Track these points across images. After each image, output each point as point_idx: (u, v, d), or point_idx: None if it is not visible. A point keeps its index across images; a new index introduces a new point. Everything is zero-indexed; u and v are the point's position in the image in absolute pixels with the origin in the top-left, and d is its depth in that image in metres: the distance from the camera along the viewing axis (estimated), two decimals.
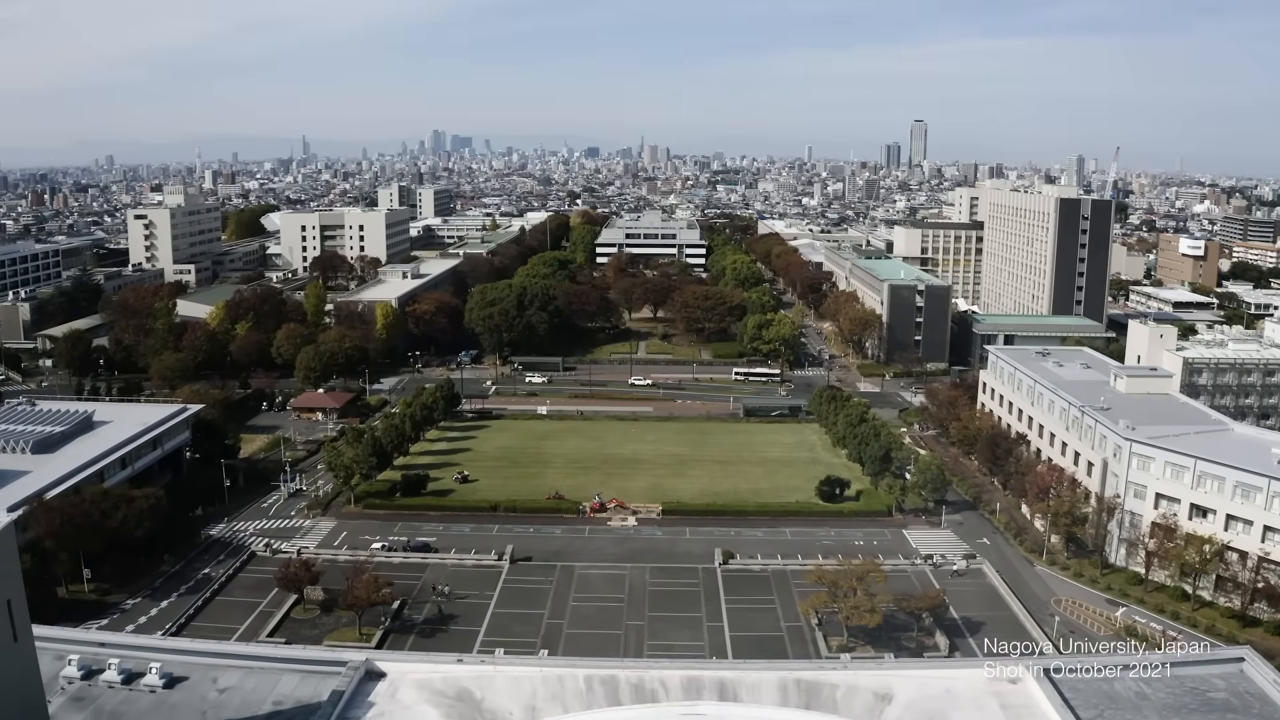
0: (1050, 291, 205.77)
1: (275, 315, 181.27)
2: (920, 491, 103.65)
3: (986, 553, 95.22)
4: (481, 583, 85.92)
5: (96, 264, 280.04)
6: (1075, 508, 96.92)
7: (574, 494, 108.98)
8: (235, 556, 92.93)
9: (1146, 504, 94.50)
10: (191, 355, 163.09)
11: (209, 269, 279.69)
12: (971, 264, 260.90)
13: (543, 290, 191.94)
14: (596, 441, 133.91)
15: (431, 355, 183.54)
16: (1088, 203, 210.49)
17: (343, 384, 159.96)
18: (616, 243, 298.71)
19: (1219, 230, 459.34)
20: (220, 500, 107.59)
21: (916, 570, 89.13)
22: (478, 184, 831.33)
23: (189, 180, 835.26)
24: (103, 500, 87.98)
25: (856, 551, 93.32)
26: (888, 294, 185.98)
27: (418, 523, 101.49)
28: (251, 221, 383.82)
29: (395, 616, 79.13)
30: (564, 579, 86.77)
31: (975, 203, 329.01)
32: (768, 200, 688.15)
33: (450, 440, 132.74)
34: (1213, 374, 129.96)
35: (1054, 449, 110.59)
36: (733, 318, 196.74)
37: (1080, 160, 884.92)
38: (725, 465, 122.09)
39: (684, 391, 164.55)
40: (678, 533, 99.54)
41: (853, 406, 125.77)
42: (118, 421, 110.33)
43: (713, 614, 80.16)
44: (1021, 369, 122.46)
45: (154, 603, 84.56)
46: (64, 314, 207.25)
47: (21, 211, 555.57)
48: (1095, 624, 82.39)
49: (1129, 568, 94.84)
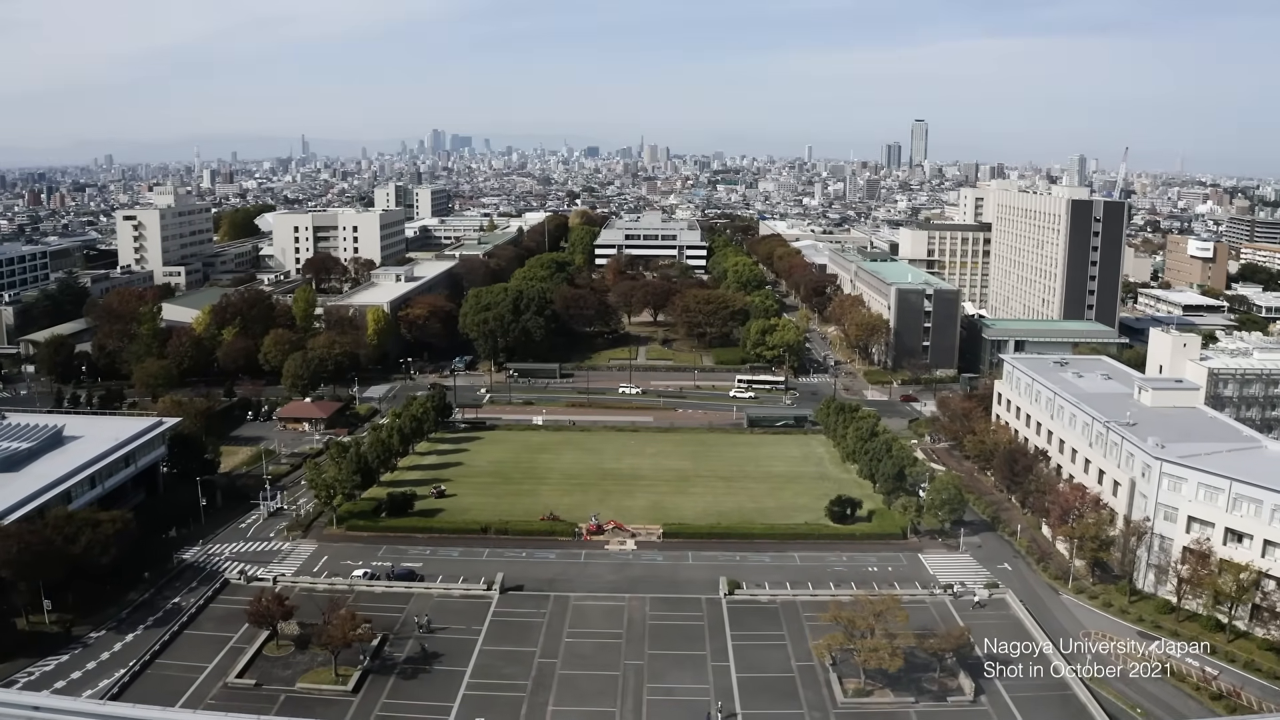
0: (1061, 295, 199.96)
1: (263, 320, 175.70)
2: (937, 512, 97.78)
3: (1008, 579, 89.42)
4: (469, 615, 79.98)
5: (86, 266, 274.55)
6: (1101, 531, 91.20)
7: (570, 513, 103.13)
8: (208, 584, 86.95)
9: (1178, 528, 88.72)
10: (176, 362, 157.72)
11: (200, 271, 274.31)
12: (979, 266, 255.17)
13: (539, 294, 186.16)
14: (594, 455, 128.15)
15: (425, 362, 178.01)
16: (1100, 204, 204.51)
17: (331, 392, 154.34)
18: (616, 244, 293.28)
19: (1225, 231, 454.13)
20: (196, 520, 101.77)
21: (936, 601, 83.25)
22: (477, 183, 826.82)
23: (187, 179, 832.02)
24: (66, 525, 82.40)
25: (870, 579, 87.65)
26: (895, 298, 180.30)
27: (403, 545, 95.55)
28: (245, 222, 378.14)
29: (375, 655, 73.20)
30: (558, 611, 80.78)
31: (980, 203, 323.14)
32: (768, 200, 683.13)
33: (441, 454, 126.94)
34: (1238, 385, 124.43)
35: (1076, 466, 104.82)
36: (735, 322, 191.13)
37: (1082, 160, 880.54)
38: (729, 481, 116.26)
39: (685, 400, 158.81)
40: (679, 557, 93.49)
41: (863, 419, 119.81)
42: (90, 436, 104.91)
43: (718, 652, 74.21)
44: (1040, 380, 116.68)
45: (119, 636, 78.78)
46: (49, 318, 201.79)
47: (17, 211, 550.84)
48: (1130, 661, 76.67)
49: (1158, 594, 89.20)
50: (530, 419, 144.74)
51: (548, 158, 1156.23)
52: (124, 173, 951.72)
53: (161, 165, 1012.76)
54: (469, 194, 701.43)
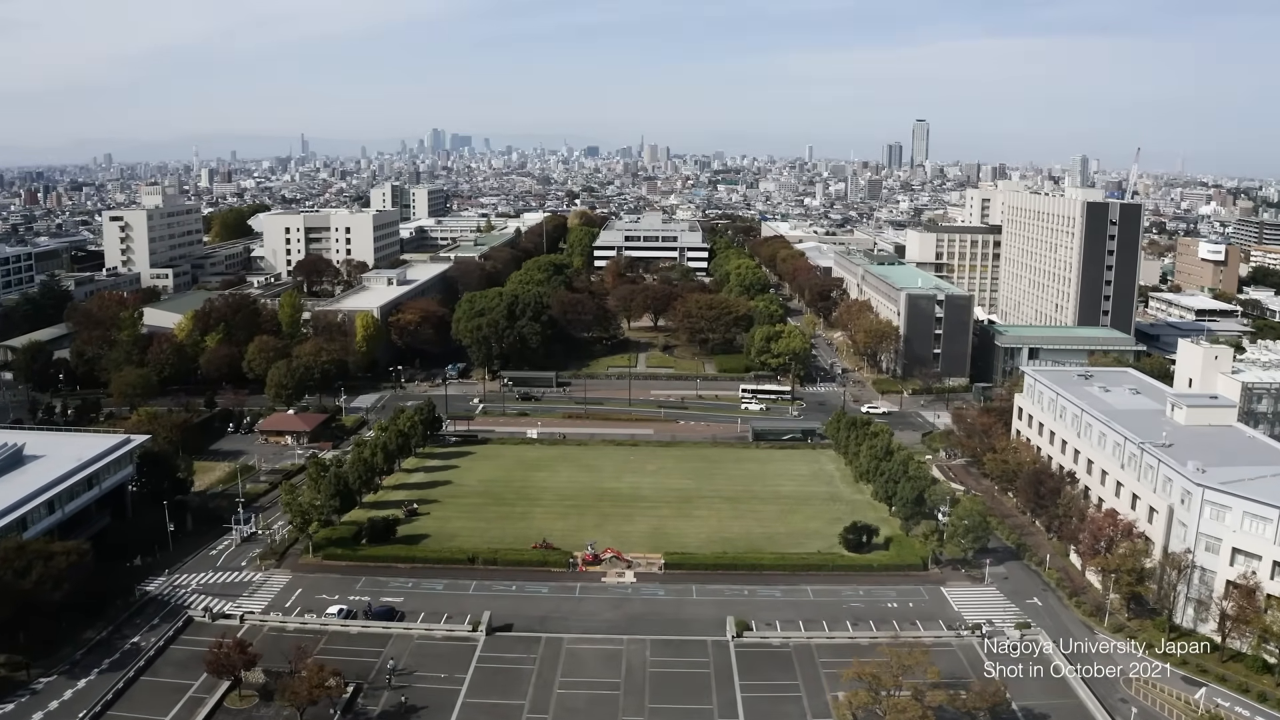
0: (1076, 301, 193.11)
1: (249, 326, 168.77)
2: (960, 540, 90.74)
3: (1039, 616, 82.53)
4: (452, 660, 72.81)
5: (72, 267, 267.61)
6: (1137, 563, 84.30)
7: (564, 539, 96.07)
8: (171, 621, 79.97)
9: (1221, 559, 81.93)
10: (156, 370, 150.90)
11: (188, 273, 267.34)
12: (989, 270, 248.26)
13: (535, 298, 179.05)
14: (591, 472, 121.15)
15: (416, 369, 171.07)
16: (1115, 206, 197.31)
17: (317, 402, 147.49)
18: (615, 245, 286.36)
19: (1233, 233, 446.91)
20: (164, 547, 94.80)
21: (963, 644, 76.19)
22: (476, 183, 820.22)
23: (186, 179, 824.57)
24: (17, 557, 75.49)
25: (889, 616, 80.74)
26: (905, 304, 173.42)
27: (384, 577, 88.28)
28: (238, 223, 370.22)
29: (347, 708, 66.11)
30: (549, 656, 73.55)
31: (986, 204, 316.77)
32: (769, 200, 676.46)
33: (429, 471, 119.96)
34: (1273, 400, 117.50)
35: (1106, 489, 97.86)
36: (739, 328, 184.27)
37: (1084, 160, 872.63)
38: (734, 503, 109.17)
39: (687, 411, 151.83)
40: (683, 591, 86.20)
41: (876, 435, 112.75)
42: (52, 456, 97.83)
43: (726, 706, 66.99)
44: (1065, 395, 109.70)
45: (70, 681, 71.81)
46: (30, 322, 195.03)
47: (13, 210, 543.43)
48: (1174, 711, 69.91)
49: (1198, 630, 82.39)
50: (525, 432, 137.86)
51: (547, 157, 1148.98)
52: (123, 172, 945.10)
53: (161, 164, 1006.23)
54: (468, 194, 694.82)
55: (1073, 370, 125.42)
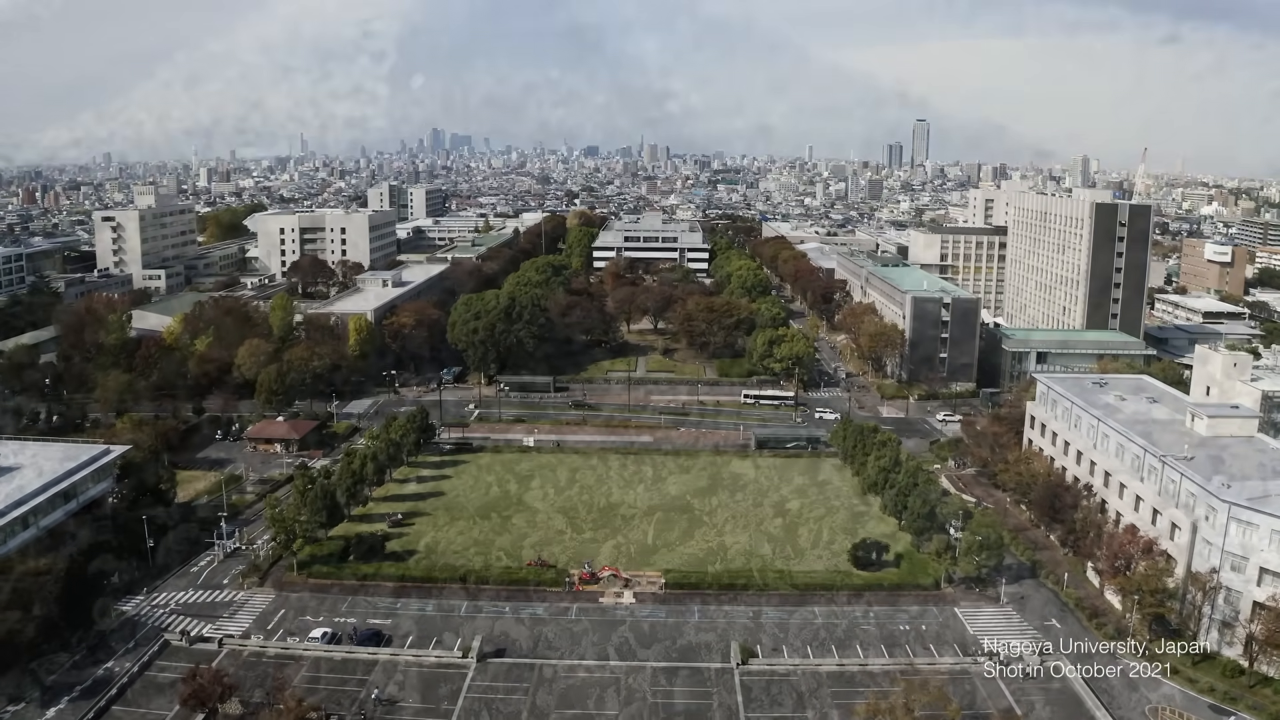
0: (1084, 304, 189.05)
1: (239, 329, 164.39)
2: (974, 557, 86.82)
3: (1058, 640, 78.46)
4: (441, 690, 68.89)
5: (64, 268, 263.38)
6: (1160, 583, 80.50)
7: (560, 555, 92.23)
8: (146, 644, 76.11)
9: (1248, 579, 78.18)
10: (143, 375, 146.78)
11: (182, 274, 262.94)
12: (994, 271, 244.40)
13: (533, 301, 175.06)
14: (589, 482, 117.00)
15: (411, 374, 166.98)
16: (1125, 207, 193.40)
17: (309, 407, 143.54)
18: (615, 246, 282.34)
19: (1237, 234, 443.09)
20: (143, 563, 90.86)
21: (979, 671, 72.40)
22: (475, 182, 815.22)
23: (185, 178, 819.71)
24: None
25: (902, 640, 76.96)
26: (911, 307, 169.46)
27: (372, 597, 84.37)
28: (234, 223, 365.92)
29: None
30: (543, 685, 69.68)
31: (990, 205, 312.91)
32: (769, 200, 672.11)
33: (421, 481, 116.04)
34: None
35: (1125, 503, 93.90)
36: (740, 332, 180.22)
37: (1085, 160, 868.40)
38: (738, 516, 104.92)
39: (688, 418, 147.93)
40: (684, 613, 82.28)
41: (884, 446, 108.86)
42: (29, 467, 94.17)
43: None
44: (1079, 403, 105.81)
45: (38, 712, 67.96)
46: (19, 325, 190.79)
47: (10, 210, 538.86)
48: None
49: (1222, 653, 78.71)
50: (521, 439, 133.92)
51: (547, 157, 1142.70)
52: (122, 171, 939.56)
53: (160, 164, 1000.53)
54: (467, 193, 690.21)
55: (1086, 377, 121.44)
